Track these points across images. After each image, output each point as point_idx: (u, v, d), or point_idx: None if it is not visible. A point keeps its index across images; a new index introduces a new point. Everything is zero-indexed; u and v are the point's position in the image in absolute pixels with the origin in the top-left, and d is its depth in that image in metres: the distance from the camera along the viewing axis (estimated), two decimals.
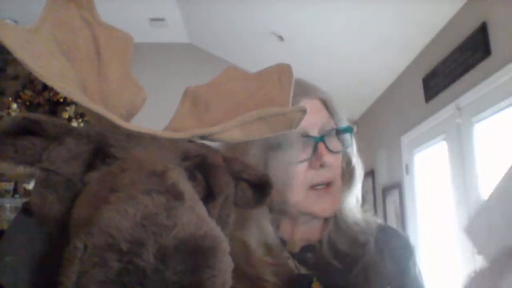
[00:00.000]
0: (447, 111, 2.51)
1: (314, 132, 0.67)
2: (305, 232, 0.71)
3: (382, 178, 3.55)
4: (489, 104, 2.14)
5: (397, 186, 3.22)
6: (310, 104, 0.66)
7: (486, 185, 2.16)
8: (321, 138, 0.66)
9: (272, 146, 0.65)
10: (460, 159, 2.37)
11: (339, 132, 0.70)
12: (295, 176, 0.65)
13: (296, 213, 0.68)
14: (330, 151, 0.67)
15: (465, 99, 2.32)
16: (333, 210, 0.68)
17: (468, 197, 2.28)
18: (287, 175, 0.64)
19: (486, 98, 2.16)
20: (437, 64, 2.63)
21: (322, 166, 0.66)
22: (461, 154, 2.36)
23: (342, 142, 0.71)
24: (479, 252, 0.56)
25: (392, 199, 3.32)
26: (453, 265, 2.43)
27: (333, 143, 0.68)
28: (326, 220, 0.72)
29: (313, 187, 0.67)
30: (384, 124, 3.52)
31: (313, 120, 0.66)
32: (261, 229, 0.66)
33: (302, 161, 0.65)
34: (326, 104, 0.70)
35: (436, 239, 2.70)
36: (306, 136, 0.66)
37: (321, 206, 0.67)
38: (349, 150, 0.73)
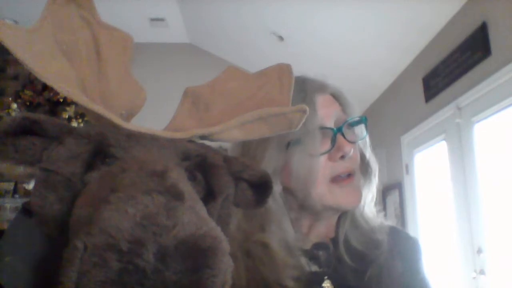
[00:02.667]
0: (447, 111, 2.51)
1: (331, 124, 0.67)
2: (321, 229, 0.71)
3: (382, 178, 3.54)
4: (489, 104, 2.14)
5: (397, 186, 3.22)
6: (323, 99, 0.68)
7: (486, 185, 2.16)
8: (339, 129, 0.66)
9: (291, 142, 0.65)
10: (460, 159, 2.37)
11: (353, 123, 0.70)
12: (318, 169, 0.64)
13: (320, 208, 0.67)
14: (348, 141, 0.67)
15: (465, 99, 2.32)
16: (358, 202, 0.68)
17: (468, 197, 2.28)
18: (310, 169, 0.64)
19: (486, 98, 2.16)
20: (437, 64, 2.63)
21: (342, 157, 0.66)
22: (461, 154, 2.36)
23: (357, 133, 0.71)
24: None
25: (392, 199, 3.32)
26: (453, 264, 2.43)
27: (350, 134, 0.68)
28: (340, 217, 0.72)
29: (334, 180, 0.67)
30: (384, 124, 3.52)
31: (328, 113, 0.67)
32: (283, 229, 0.66)
33: (323, 153, 0.65)
34: (337, 98, 0.71)
35: (436, 239, 2.70)
36: (324, 128, 0.66)
37: (347, 198, 0.67)
38: (362, 142, 0.73)
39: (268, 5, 3.05)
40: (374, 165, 0.74)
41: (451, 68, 2.46)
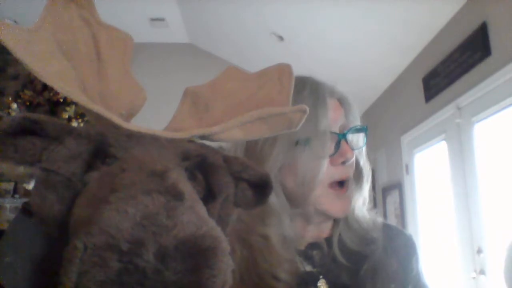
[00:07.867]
0: (447, 111, 2.51)
1: (336, 129, 0.68)
2: (315, 231, 0.72)
3: (382, 178, 3.55)
4: (489, 104, 2.14)
5: (397, 186, 3.22)
6: (332, 103, 0.69)
7: (486, 185, 2.16)
8: (344, 135, 0.67)
9: (300, 141, 0.65)
10: (460, 159, 2.37)
11: (356, 130, 0.71)
12: (323, 172, 0.65)
13: (312, 211, 0.68)
14: (351, 148, 0.68)
15: (465, 99, 2.32)
16: (348, 211, 0.70)
17: (468, 197, 2.28)
18: (316, 171, 0.65)
19: (486, 98, 2.16)
20: (437, 64, 2.63)
21: (343, 163, 0.67)
22: (461, 154, 2.36)
23: (358, 140, 0.72)
24: None
25: (392, 199, 3.32)
26: (453, 264, 2.43)
27: (353, 141, 0.70)
28: (335, 219, 0.73)
29: (332, 185, 0.68)
30: (384, 124, 3.52)
31: (336, 118, 0.68)
32: (282, 224, 0.66)
33: (329, 156, 0.66)
34: (343, 103, 0.72)
35: (436, 239, 2.70)
36: (332, 132, 0.67)
37: (339, 207, 0.68)
38: (358, 149, 0.74)
39: (268, 5, 3.05)
40: (367, 172, 0.75)
41: (451, 68, 2.46)
